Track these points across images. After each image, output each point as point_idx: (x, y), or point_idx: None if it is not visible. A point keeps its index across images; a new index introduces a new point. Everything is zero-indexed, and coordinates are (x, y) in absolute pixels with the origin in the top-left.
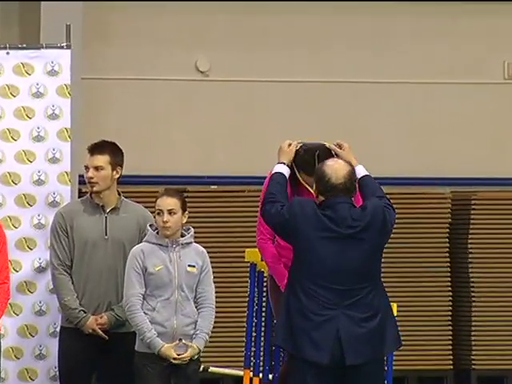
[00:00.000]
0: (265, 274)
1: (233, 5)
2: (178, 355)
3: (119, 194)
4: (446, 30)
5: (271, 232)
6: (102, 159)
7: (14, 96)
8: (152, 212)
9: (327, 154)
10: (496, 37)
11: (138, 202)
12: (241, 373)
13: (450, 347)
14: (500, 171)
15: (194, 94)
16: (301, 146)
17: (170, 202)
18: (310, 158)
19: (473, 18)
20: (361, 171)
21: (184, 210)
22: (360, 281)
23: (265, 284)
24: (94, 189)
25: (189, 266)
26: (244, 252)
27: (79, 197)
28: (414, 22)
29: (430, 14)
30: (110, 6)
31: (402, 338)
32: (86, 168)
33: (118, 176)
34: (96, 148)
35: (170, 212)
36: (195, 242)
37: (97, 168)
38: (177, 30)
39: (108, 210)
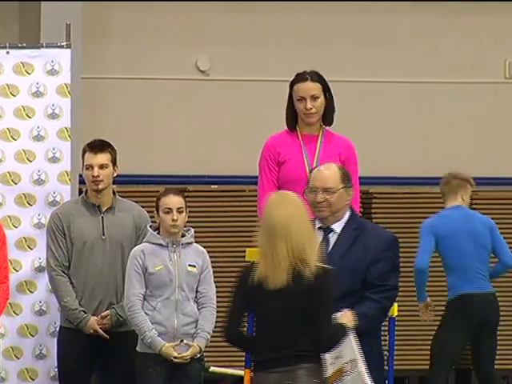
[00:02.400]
0: None
1: (233, 4)
2: (179, 354)
3: (114, 193)
4: (447, 29)
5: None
6: (106, 157)
7: (14, 95)
8: (150, 211)
9: (317, 72)
10: (497, 36)
11: (138, 202)
12: (241, 372)
13: None
14: (501, 171)
15: (194, 94)
16: None
17: (178, 201)
18: (301, 72)
19: (474, 17)
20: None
21: (186, 210)
22: None
23: None
24: (100, 187)
25: (189, 265)
26: (245, 251)
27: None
28: (415, 21)
29: (431, 12)
30: (109, 5)
31: (403, 338)
32: (89, 167)
33: (115, 175)
34: (98, 146)
35: (179, 210)
36: (195, 241)
37: (102, 166)
38: (177, 29)
39: (104, 210)
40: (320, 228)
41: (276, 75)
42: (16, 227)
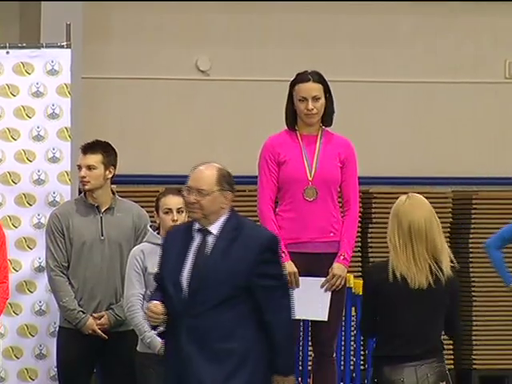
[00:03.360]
0: None
1: (233, 4)
2: None
3: (113, 194)
4: (448, 29)
5: (274, 197)
6: (95, 158)
7: (14, 95)
8: (150, 211)
9: (318, 73)
10: (497, 36)
11: (138, 202)
12: None
13: (451, 347)
14: (501, 171)
15: (194, 94)
16: None
17: (178, 201)
18: (303, 71)
19: (474, 17)
20: None
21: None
22: None
23: None
24: (86, 187)
25: None
26: None
27: None
28: (415, 21)
29: (431, 13)
30: (110, 5)
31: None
32: (79, 167)
33: (110, 176)
34: (89, 147)
35: (179, 210)
36: None
37: (89, 167)
38: (177, 28)
39: (103, 210)
40: (199, 230)
41: (276, 75)
42: (16, 227)
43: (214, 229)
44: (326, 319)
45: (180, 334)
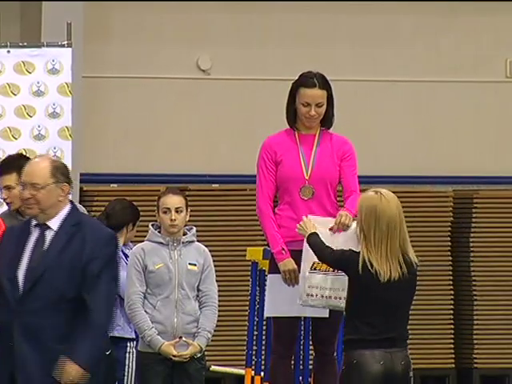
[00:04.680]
0: (266, 273)
1: (233, 4)
2: (179, 353)
3: None
4: (449, 29)
5: (273, 196)
6: (10, 178)
7: (15, 94)
8: (151, 210)
9: (324, 77)
10: (498, 35)
11: (139, 201)
12: (242, 371)
13: (452, 346)
14: (502, 170)
15: (195, 93)
16: None
17: (176, 201)
18: (308, 73)
19: (474, 17)
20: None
21: (187, 209)
22: None
23: (266, 282)
24: (12, 208)
25: (189, 264)
26: (245, 250)
27: (80, 195)
28: (415, 21)
29: (432, 12)
30: (110, 4)
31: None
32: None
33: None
34: (2, 168)
35: (177, 210)
36: (197, 240)
37: (7, 188)
38: (178, 28)
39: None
40: (37, 225)
41: (276, 75)
42: None
43: (54, 224)
44: (326, 315)
45: (13, 332)
